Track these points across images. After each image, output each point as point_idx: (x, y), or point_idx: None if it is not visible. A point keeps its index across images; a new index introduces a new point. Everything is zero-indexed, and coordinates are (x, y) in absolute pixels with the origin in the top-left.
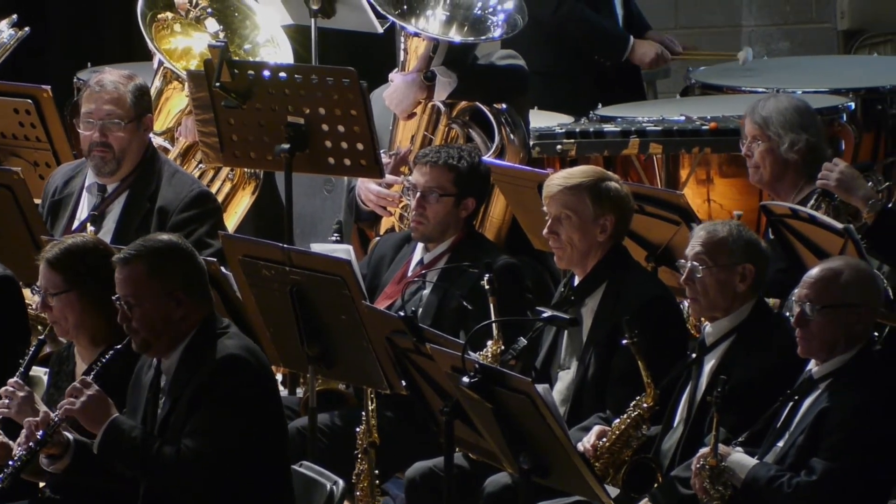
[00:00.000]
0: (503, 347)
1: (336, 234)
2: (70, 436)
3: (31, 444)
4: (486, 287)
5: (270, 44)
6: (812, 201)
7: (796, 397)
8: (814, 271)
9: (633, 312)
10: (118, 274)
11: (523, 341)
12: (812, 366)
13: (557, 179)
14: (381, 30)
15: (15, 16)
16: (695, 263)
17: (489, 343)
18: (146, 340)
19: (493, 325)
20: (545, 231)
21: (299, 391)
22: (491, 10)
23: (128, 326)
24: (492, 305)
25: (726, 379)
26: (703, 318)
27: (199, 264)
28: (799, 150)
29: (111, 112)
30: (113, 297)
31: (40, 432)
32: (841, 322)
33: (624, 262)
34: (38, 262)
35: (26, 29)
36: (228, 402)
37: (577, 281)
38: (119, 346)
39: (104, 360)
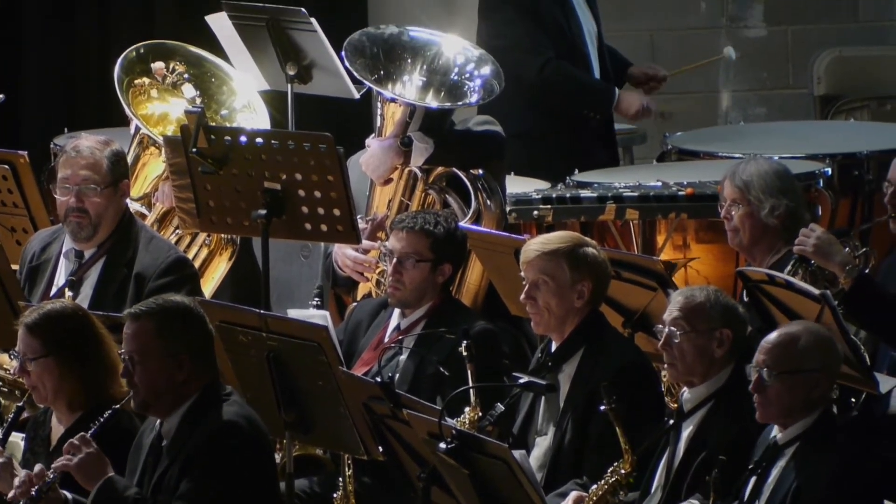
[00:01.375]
0: (480, 414)
1: (317, 299)
2: (69, 495)
3: (23, 502)
4: (464, 353)
5: (247, 109)
6: (789, 266)
7: (764, 464)
8: (771, 336)
9: (610, 378)
10: (126, 329)
11: (500, 407)
12: (776, 431)
13: (535, 245)
14: (357, 95)
15: None
16: (672, 328)
17: (466, 409)
18: (145, 400)
19: (471, 391)
20: (522, 296)
21: (276, 457)
22: (468, 75)
23: (129, 382)
24: (469, 371)
25: (724, 460)
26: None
27: (208, 330)
28: (779, 215)
29: (87, 177)
30: (119, 352)
31: (35, 488)
32: (799, 388)
33: (601, 328)
34: (16, 327)
35: (0, 96)
36: (221, 468)
37: (554, 346)
38: (117, 406)
39: (102, 419)
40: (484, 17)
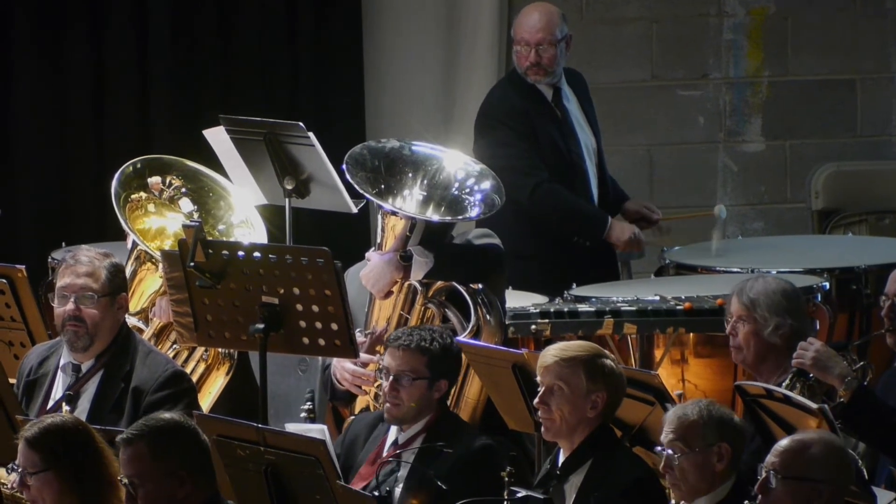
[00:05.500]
0: None
1: (309, 403)
2: None
3: None
4: (506, 480)
5: (245, 224)
6: (787, 380)
7: None
8: (784, 441)
9: (618, 492)
10: (121, 455)
11: None
12: None
13: (553, 350)
14: (355, 210)
15: None
16: (670, 451)
17: None
18: None
19: None
20: (536, 401)
21: None
22: (468, 190)
23: None
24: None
25: None
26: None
27: (203, 442)
28: (783, 334)
29: (85, 286)
30: (118, 478)
31: None
32: (802, 496)
33: (611, 442)
34: (15, 441)
35: None
36: None
37: (562, 456)
38: None
39: None
40: (479, 135)
